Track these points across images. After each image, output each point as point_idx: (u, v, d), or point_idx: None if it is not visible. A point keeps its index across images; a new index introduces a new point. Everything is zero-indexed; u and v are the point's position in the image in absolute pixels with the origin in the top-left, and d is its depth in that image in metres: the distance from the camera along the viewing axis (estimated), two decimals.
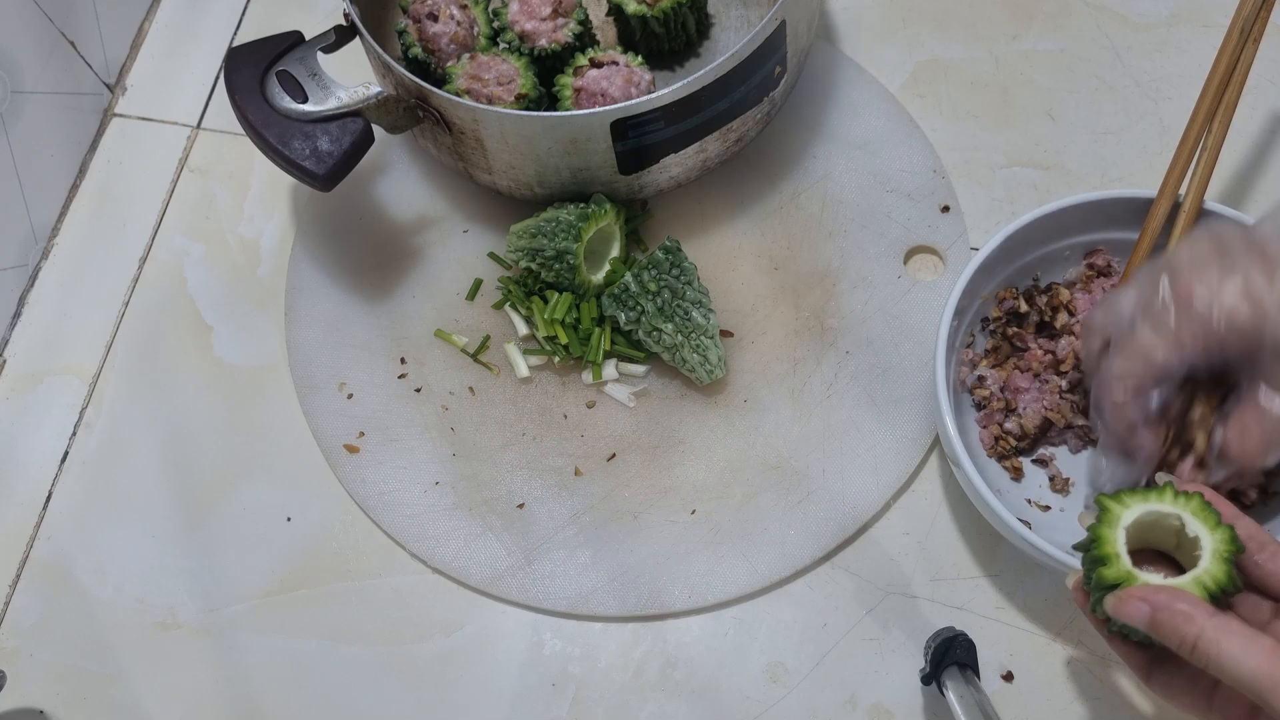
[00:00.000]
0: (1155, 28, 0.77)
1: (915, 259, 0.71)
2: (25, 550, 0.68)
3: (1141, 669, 0.47)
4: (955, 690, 0.54)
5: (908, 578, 0.63)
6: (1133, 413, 0.52)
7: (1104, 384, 0.53)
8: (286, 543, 0.67)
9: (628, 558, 0.64)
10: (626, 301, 0.65)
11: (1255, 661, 0.40)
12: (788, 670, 0.61)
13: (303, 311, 0.72)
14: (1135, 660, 0.48)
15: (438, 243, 0.73)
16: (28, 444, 0.71)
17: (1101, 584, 0.45)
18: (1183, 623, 0.42)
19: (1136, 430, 0.53)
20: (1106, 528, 0.46)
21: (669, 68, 0.76)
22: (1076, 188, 0.72)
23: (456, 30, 0.69)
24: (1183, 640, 0.42)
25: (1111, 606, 0.44)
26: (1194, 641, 0.41)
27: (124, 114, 0.81)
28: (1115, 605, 0.44)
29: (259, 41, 0.65)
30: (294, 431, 0.69)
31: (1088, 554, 0.46)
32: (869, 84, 0.76)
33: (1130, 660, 0.48)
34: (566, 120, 0.62)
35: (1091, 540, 0.46)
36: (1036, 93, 0.75)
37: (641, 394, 0.68)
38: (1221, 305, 0.49)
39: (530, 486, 0.66)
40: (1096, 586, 0.46)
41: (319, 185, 0.63)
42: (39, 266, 0.76)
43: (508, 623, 0.64)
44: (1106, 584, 0.45)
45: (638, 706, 0.61)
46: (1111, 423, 0.53)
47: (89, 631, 0.65)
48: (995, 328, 0.65)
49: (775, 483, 0.65)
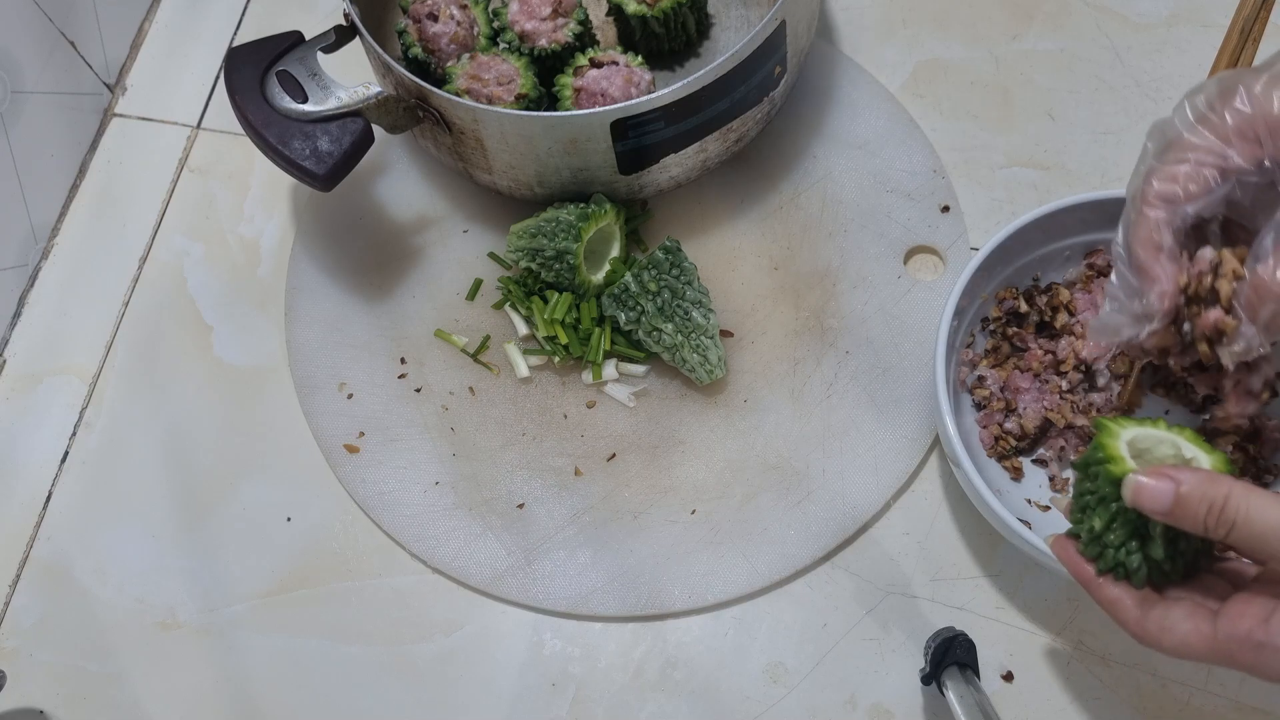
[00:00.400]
0: (1155, 28, 0.77)
1: (915, 259, 0.71)
2: (25, 550, 0.68)
3: (1133, 614, 0.45)
4: (955, 690, 0.54)
5: (908, 578, 0.63)
6: (1160, 233, 0.47)
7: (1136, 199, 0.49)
8: (286, 543, 0.67)
9: (628, 558, 0.64)
10: (626, 301, 0.65)
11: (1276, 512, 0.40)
12: (788, 670, 0.61)
13: (303, 311, 0.72)
14: (1126, 606, 0.45)
15: (438, 243, 0.73)
16: (28, 444, 0.71)
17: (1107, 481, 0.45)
18: (1210, 486, 0.41)
19: (1158, 257, 0.48)
20: (1108, 438, 0.46)
21: (669, 68, 0.76)
22: (1076, 188, 0.72)
23: (456, 30, 0.69)
24: (1211, 504, 0.41)
25: (1132, 491, 0.43)
26: (1223, 501, 0.40)
27: (124, 114, 0.81)
28: (1137, 489, 0.43)
29: (259, 41, 0.65)
30: (294, 431, 0.69)
31: (1088, 464, 0.46)
32: (869, 84, 0.76)
33: (1120, 606, 0.46)
34: (566, 120, 0.62)
35: (1094, 448, 0.46)
36: (1036, 93, 0.75)
37: (641, 394, 0.68)
38: (1275, 102, 0.45)
39: (530, 486, 0.66)
40: (1100, 498, 0.45)
41: (319, 185, 0.63)
42: (39, 266, 0.76)
43: (508, 623, 0.64)
44: (1112, 479, 0.44)
45: (638, 706, 0.61)
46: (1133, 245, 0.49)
47: (89, 631, 0.65)
48: (995, 328, 0.65)
49: (775, 483, 0.65)
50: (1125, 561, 0.45)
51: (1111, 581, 0.46)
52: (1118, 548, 0.45)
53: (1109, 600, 0.46)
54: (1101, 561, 0.46)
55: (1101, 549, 0.46)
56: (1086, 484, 0.47)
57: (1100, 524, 0.45)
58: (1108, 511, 0.45)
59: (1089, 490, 0.46)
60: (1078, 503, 0.47)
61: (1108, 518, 0.45)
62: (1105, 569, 0.46)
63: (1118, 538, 0.45)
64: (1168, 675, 0.60)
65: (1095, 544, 0.46)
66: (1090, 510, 0.46)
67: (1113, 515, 0.45)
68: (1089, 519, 0.46)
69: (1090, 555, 0.47)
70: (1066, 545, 0.48)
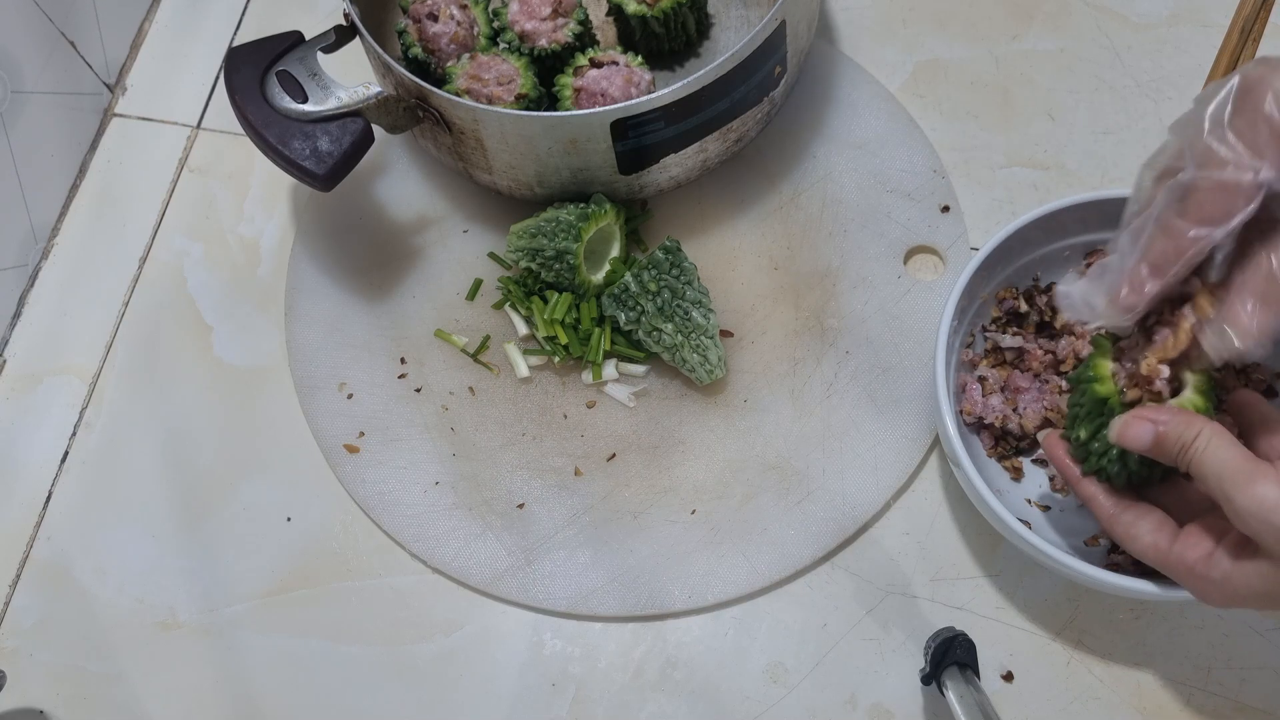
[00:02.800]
0: (1155, 28, 0.77)
1: (915, 259, 0.71)
2: (25, 550, 0.68)
3: (1108, 512, 0.50)
4: (955, 690, 0.54)
5: (908, 578, 0.63)
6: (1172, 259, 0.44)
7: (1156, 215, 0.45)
8: (286, 543, 0.67)
9: (628, 558, 0.64)
10: (626, 301, 0.65)
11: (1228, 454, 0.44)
12: (788, 670, 0.61)
13: (303, 311, 0.72)
14: (1102, 503, 0.50)
15: (438, 243, 0.73)
16: (28, 444, 0.71)
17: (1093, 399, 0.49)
18: (1185, 427, 0.45)
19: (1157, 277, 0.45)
20: (1100, 356, 0.50)
21: (669, 68, 0.76)
22: (1076, 188, 0.72)
23: (456, 30, 0.69)
24: (1184, 443, 0.45)
25: (1117, 431, 0.47)
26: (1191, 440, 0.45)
27: (124, 114, 0.81)
28: (1121, 429, 0.47)
29: (259, 41, 0.65)
30: (294, 431, 0.69)
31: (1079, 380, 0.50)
32: (869, 84, 0.76)
33: (1097, 503, 0.50)
34: (566, 120, 0.62)
35: (1086, 366, 0.50)
36: (1036, 93, 0.75)
37: (641, 394, 0.68)
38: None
39: (530, 486, 0.66)
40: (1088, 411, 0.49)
41: (319, 185, 0.63)
42: (39, 266, 0.76)
43: (508, 623, 0.64)
44: (1098, 399, 0.49)
45: (638, 706, 0.61)
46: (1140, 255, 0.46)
47: (89, 631, 0.65)
48: (994, 329, 0.64)
49: (775, 483, 0.65)
50: (1106, 468, 0.50)
51: (1094, 481, 0.51)
52: (1100, 455, 0.49)
53: (1088, 496, 0.51)
54: (1086, 465, 0.51)
55: (1086, 454, 0.50)
56: (1077, 397, 0.51)
57: (1086, 434, 0.50)
58: (1093, 424, 0.49)
59: (1078, 403, 0.51)
60: (1070, 412, 0.52)
61: (1093, 429, 0.49)
62: (1089, 471, 0.51)
63: (1101, 446, 0.49)
64: (1168, 675, 0.60)
65: (1081, 449, 0.50)
66: (1079, 421, 0.50)
67: (1097, 427, 0.49)
68: (1077, 428, 0.50)
69: (1077, 458, 0.51)
70: (1057, 444, 0.52)
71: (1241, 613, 0.61)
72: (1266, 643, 0.60)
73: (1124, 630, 0.61)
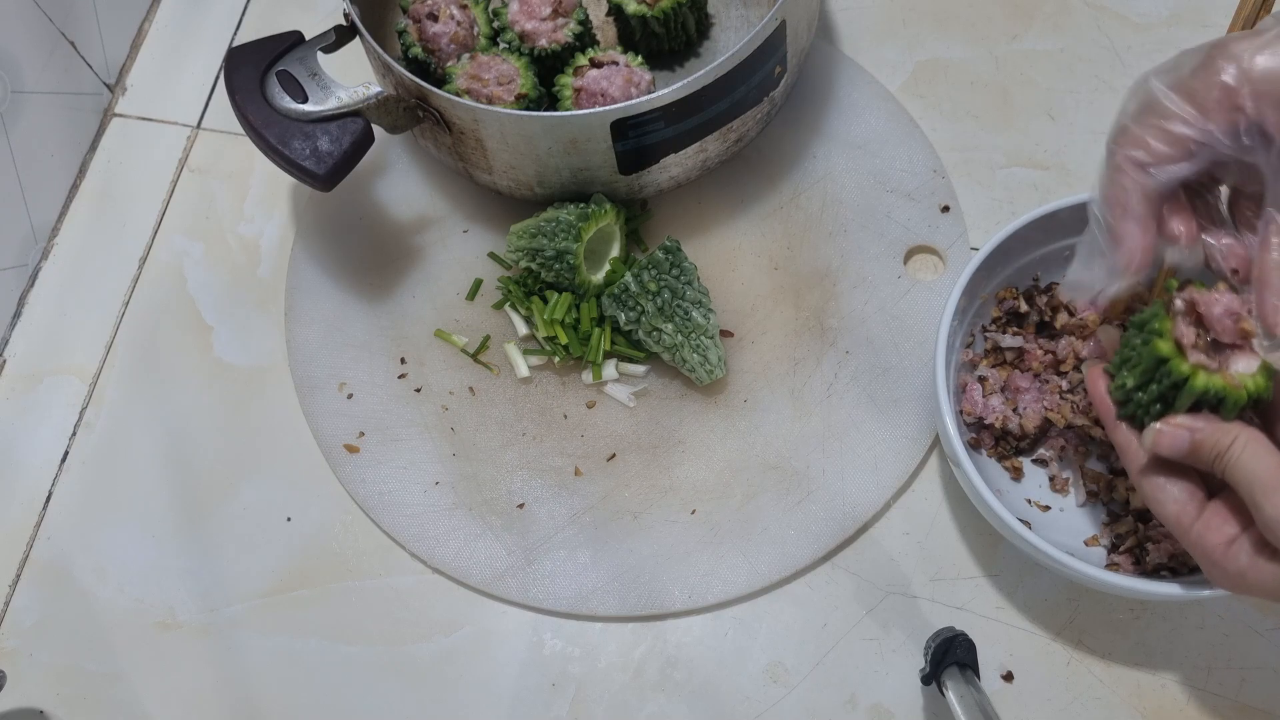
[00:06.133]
0: (1155, 28, 0.77)
1: (915, 259, 0.71)
2: (25, 550, 0.68)
3: (1138, 463, 0.49)
4: (955, 690, 0.54)
5: (908, 578, 0.63)
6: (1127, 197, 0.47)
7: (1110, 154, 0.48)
8: (286, 543, 0.67)
9: (628, 558, 0.64)
10: (626, 301, 0.65)
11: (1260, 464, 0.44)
12: (788, 670, 0.61)
13: (303, 311, 0.72)
14: (1134, 453, 0.49)
15: (438, 243, 0.73)
16: (28, 444, 0.71)
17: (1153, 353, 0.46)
18: (1219, 434, 0.45)
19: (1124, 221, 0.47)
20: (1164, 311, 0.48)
21: (669, 68, 0.76)
22: (1076, 188, 0.72)
23: (456, 30, 0.69)
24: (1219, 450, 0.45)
25: (1151, 441, 0.47)
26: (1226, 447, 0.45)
27: (124, 114, 0.81)
28: (1156, 439, 0.47)
29: (259, 41, 0.65)
30: (294, 431, 0.69)
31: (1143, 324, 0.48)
32: (869, 84, 0.76)
33: (1129, 452, 0.49)
34: (566, 120, 0.62)
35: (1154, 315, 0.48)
36: (1036, 93, 0.75)
37: (641, 394, 0.68)
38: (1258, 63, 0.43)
39: (530, 486, 0.66)
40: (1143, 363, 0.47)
41: (319, 185, 0.63)
42: (39, 266, 0.76)
43: (508, 623, 0.64)
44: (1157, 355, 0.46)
45: (638, 706, 0.61)
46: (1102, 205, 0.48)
47: (89, 631, 0.65)
48: (994, 329, 0.64)
49: (775, 483, 0.65)
50: (1144, 419, 0.48)
51: (1129, 427, 0.49)
52: (1143, 406, 0.48)
53: (1122, 444, 0.50)
54: (1124, 409, 0.49)
55: (1127, 399, 0.49)
56: (1136, 341, 0.49)
57: (1133, 382, 0.48)
58: (1142, 373, 0.47)
59: (1135, 348, 0.48)
60: (1121, 352, 0.50)
61: (1140, 379, 0.48)
62: (1125, 416, 0.49)
63: (1147, 397, 0.47)
64: (1168, 675, 0.60)
65: (1123, 392, 0.49)
66: (1130, 365, 0.48)
67: (1147, 379, 0.47)
68: (1125, 373, 0.49)
69: (1117, 398, 0.49)
70: (1099, 380, 0.51)
71: (1242, 613, 0.61)
72: (1266, 643, 0.60)
73: (1124, 630, 0.61)
